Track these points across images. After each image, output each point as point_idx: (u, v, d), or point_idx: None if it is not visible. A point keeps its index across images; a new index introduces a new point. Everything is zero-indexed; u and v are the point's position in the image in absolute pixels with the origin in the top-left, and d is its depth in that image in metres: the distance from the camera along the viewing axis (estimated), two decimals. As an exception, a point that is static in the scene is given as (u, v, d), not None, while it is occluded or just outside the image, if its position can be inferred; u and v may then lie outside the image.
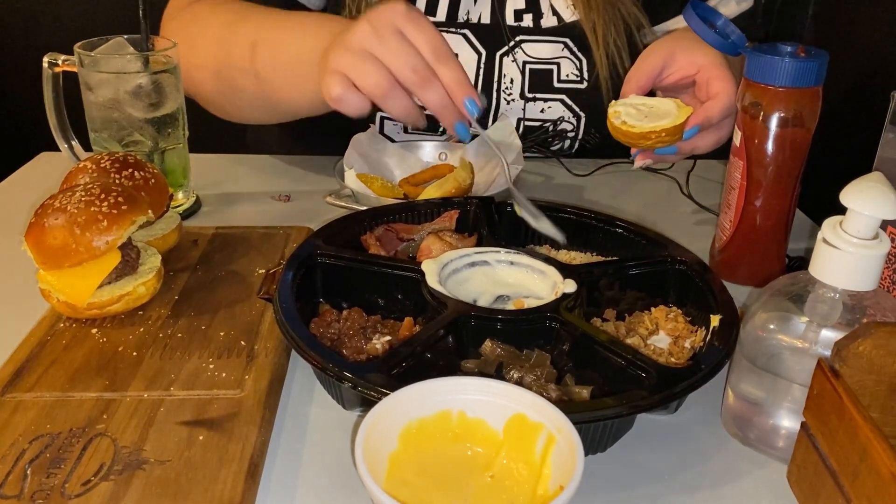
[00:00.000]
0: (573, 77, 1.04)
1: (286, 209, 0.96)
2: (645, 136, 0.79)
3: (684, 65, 0.84)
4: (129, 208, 0.69)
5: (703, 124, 0.80)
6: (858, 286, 0.53)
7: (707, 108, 0.81)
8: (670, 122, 0.79)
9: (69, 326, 0.68)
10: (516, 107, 1.06)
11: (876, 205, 0.51)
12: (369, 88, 0.66)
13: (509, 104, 1.06)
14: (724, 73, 0.81)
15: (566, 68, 1.04)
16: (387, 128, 1.08)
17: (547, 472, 0.48)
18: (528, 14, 1.03)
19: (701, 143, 0.83)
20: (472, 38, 1.03)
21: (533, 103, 1.06)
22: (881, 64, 1.15)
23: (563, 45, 1.04)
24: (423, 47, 0.70)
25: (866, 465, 0.45)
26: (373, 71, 0.66)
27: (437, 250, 0.72)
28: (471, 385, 0.51)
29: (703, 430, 0.62)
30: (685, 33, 0.86)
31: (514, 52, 1.04)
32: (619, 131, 0.80)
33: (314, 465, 0.57)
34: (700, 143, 0.83)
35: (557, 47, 1.04)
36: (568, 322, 0.62)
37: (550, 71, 1.04)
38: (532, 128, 1.07)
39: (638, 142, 0.81)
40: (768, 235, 0.80)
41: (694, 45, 0.83)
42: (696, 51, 0.83)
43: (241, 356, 0.65)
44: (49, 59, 0.89)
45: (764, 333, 0.57)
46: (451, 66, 0.72)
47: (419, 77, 0.67)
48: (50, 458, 0.53)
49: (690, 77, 0.84)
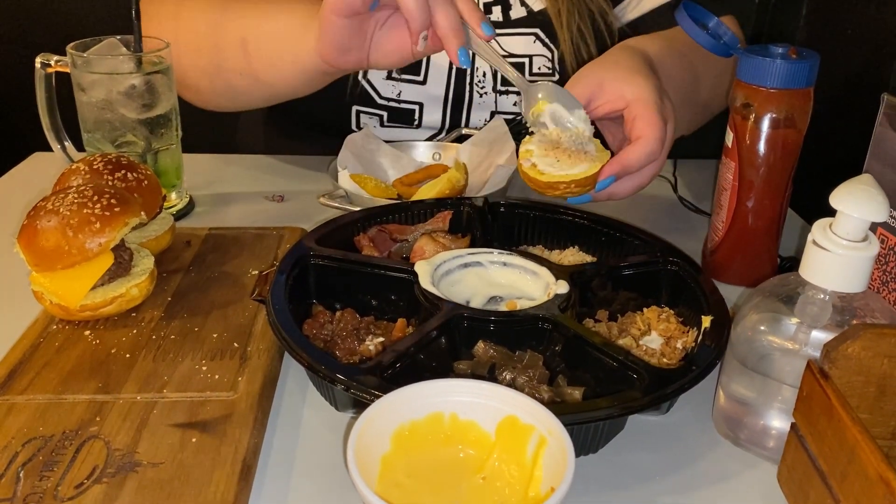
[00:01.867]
0: (545, 70, 1.05)
1: (280, 209, 0.97)
2: (553, 185, 0.73)
3: (612, 98, 0.77)
4: (122, 210, 0.69)
5: (618, 174, 0.74)
6: (848, 288, 0.53)
7: (624, 157, 0.74)
8: (581, 173, 0.72)
9: (62, 328, 0.68)
10: (489, 100, 1.07)
11: (865, 207, 0.52)
12: None
13: (482, 97, 1.06)
14: (651, 114, 0.74)
15: (538, 62, 1.05)
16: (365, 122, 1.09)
17: (538, 474, 0.48)
18: (496, 6, 1.04)
19: (618, 191, 0.76)
20: None
21: (506, 96, 1.07)
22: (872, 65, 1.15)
23: (535, 37, 1.04)
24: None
25: (854, 467, 0.45)
26: None
27: (430, 251, 0.73)
28: (462, 387, 0.51)
29: (695, 430, 0.62)
30: (621, 56, 0.82)
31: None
32: (527, 176, 0.74)
33: (307, 467, 0.57)
34: (617, 191, 0.76)
35: (529, 40, 1.04)
36: (560, 323, 0.63)
37: (522, 65, 1.04)
38: (506, 121, 1.08)
39: (545, 190, 0.74)
40: (760, 236, 0.80)
41: (625, 75, 0.78)
42: (627, 82, 0.77)
43: (234, 358, 0.65)
44: (41, 59, 0.89)
45: (754, 335, 0.58)
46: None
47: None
48: (43, 461, 0.53)
49: (619, 111, 0.78)
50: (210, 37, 0.93)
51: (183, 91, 0.98)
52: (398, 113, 1.06)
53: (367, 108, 1.06)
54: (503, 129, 0.97)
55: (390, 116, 1.07)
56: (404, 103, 1.06)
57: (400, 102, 1.05)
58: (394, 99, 1.05)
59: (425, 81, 1.05)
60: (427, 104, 1.06)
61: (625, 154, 0.74)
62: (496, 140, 0.97)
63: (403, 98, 1.05)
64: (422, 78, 1.04)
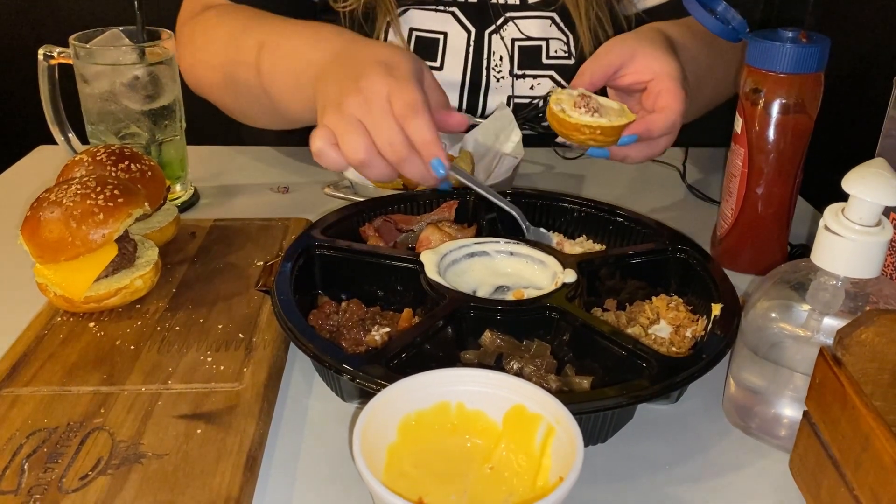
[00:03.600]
0: (561, 53, 1.05)
1: (285, 201, 0.96)
2: (579, 128, 0.74)
3: (641, 69, 0.80)
4: (126, 201, 0.69)
5: (642, 134, 0.76)
6: (861, 273, 0.53)
7: (650, 121, 0.76)
8: (608, 123, 0.74)
9: (66, 320, 0.68)
10: (506, 84, 1.06)
11: (878, 191, 0.51)
12: (349, 154, 0.69)
13: (499, 81, 1.06)
14: (676, 88, 0.77)
15: (554, 45, 1.04)
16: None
17: (546, 463, 0.48)
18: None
19: (633, 154, 0.79)
20: (460, 16, 1.04)
21: (522, 80, 1.06)
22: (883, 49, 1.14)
23: (551, 21, 1.04)
24: (397, 106, 0.69)
25: (869, 455, 0.44)
26: (355, 139, 0.69)
27: (436, 241, 0.72)
28: (469, 376, 0.51)
29: (705, 419, 0.61)
30: (650, 34, 0.83)
31: (502, 29, 1.04)
32: (556, 118, 0.76)
33: (313, 458, 0.57)
34: (632, 153, 0.79)
35: (545, 23, 1.04)
36: (568, 312, 0.62)
37: (539, 48, 1.04)
38: (522, 105, 1.07)
39: (571, 133, 0.76)
40: (770, 223, 0.79)
41: (655, 51, 0.80)
42: (657, 57, 0.79)
43: (239, 349, 0.64)
44: (44, 51, 0.88)
45: (765, 322, 0.57)
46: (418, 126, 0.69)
47: (396, 153, 0.68)
48: (47, 453, 0.53)
49: (644, 83, 0.80)
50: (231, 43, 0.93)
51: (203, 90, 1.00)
52: None
53: None
54: (509, 117, 0.96)
55: None
56: None
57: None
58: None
59: (442, 67, 1.04)
60: (444, 90, 1.05)
61: (651, 118, 0.76)
62: (502, 129, 0.96)
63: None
64: (438, 63, 1.04)
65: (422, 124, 0.68)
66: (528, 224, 0.77)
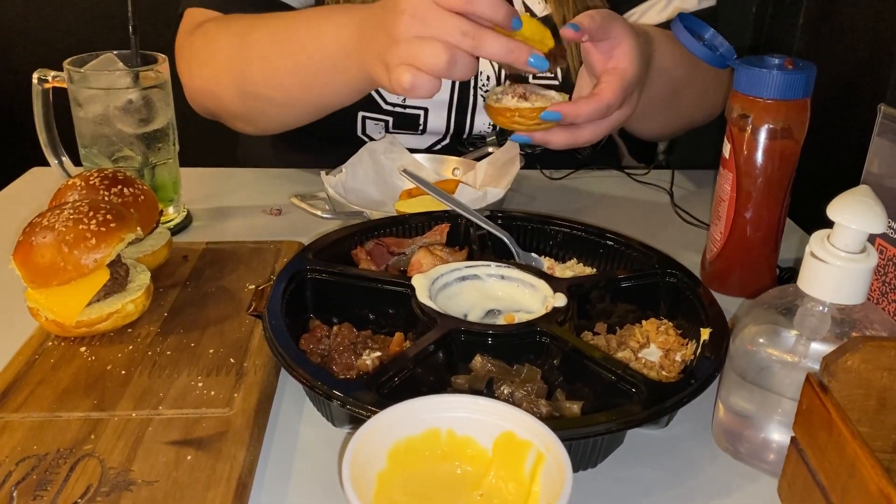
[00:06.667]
0: (548, 74, 1.05)
1: (277, 223, 0.96)
2: (501, 111, 0.76)
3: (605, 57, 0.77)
4: (118, 226, 0.69)
5: (564, 114, 0.74)
6: (847, 300, 0.53)
7: (578, 104, 0.74)
8: (529, 105, 0.75)
9: (57, 345, 0.68)
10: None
11: (863, 219, 0.51)
12: (433, 67, 0.68)
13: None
14: (618, 84, 0.75)
15: None
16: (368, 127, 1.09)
17: (536, 490, 0.48)
18: None
19: (553, 139, 0.77)
20: None
21: None
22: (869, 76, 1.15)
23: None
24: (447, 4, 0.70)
25: (855, 482, 0.45)
26: (430, 51, 0.68)
27: (427, 264, 0.72)
28: (459, 403, 0.51)
29: (694, 444, 0.62)
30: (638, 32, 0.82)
31: None
32: (488, 107, 0.79)
33: (303, 484, 0.57)
34: (552, 139, 0.77)
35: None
36: (558, 336, 0.62)
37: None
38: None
39: (495, 117, 0.78)
40: (759, 246, 0.80)
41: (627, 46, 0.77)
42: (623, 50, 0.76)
43: (230, 374, 0.65)
44: (39, 75, 0.89)
45: (753, 347, 0.57)
46: (478, 3, 0.70)
47: (472, 38, 0.68)
48: (37, 480, 0.53)
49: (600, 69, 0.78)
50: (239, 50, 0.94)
51: (212, 108, 1.01)
52: (403, 118, 1.07)
53: (373, 113, 1.07)
54: (514, 152, 0.97)
55: (396, 122, 1.07)
56: (409, 108, 1.06)
57: (405, 107, 1.06)
58: (399, 104, 1.06)
59: None
60: (432, 109, 1.06)
61: (579, 101, 0.75)
62: (508, 162, 0.97)
63: (409, 103, 1.06)
64: None
65: (479, 1, 0.68)
66: (519, 249, 0.77)
